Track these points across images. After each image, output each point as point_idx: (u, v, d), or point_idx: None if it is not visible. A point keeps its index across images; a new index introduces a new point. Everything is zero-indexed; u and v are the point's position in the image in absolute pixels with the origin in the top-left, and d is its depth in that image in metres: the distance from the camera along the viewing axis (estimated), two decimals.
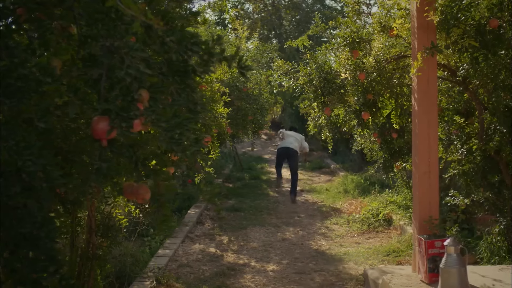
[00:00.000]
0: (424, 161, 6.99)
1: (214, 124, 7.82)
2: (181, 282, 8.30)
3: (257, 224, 12.53)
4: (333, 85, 8.14)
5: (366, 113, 8.25)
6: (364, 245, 10.46)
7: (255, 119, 15.47)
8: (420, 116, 7.02)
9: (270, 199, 16.48)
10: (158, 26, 2.75)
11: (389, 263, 8.99)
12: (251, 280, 8.45)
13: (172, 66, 3.13)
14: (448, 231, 8.50)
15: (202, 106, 3.33)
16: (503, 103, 7.59)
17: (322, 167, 23.58)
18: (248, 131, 16.21)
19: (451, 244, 6.16)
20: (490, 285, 6.40)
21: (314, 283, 8.25)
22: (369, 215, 12.21)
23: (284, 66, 8.83)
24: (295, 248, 10.45)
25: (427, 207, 6.98)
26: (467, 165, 8.42)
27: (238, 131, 15.34)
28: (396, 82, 7.78)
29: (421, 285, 6.58)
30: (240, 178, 20.24)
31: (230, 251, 10.25)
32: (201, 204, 14.57)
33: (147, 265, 8.77)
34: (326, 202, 15.47)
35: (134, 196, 3.38)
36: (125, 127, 2.94)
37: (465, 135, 8.53)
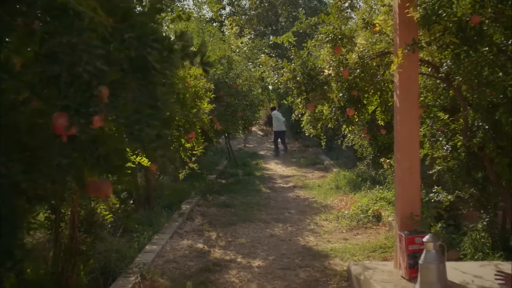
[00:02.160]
0: (406, 157, 7.01)
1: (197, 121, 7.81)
2: (166, 277, 8.31)
3: (246, 220, 12.54)
4: (316, 82, 8.15)
5: (350, 110, 8.25)
6: (351, 241, 10.47)
7: (244, 116, 15.46)
8: (402, 113, 7.03)
9: (262, 195, 16.48)
10: (108, 23, 2.75)
11: (375, 259, 9.00)
12: (236, 276, 8.47)
13: (133, 62, 3.13)
14: (433, 227, 8.51)
15: (163, 102, 3.34)
16: (486, 99, 7.60)
17: (317, 163, 23.59)
18: (238, 127, 16.20)
19: (430, 240, 6.18)
20: (470, 281, 6.42)
21: (298, 279, 8.27)
22: (358, 211, 12.23)
23: (268, 62, 8.84)
24: (282, 244, 10.46)
25: (409, 203, 7.00)
26: (452, 162, 8.44)
27: (228, 127, 15.31)
28: (380, 78, 7.78)
29: (401, 281, 6.61)
30: (234, 174, 20.23)
31: (217, 247, 10.26)
32: (193, 199, 14.59)
33: (133, 261, 8.79)
34: (317, 198, 15.48)
35: (97, 192, 3.38)
36: (84, 123, 2.94)
37: (450, 132, 8.55)
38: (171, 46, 3.15)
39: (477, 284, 6.32)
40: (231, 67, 14.55)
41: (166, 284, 8.03)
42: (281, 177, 20.61)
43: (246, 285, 8.05)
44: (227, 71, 14.50)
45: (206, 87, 9.05)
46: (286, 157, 27.17)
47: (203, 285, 8.00)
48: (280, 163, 25.16)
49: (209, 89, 9.58)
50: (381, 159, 11.38)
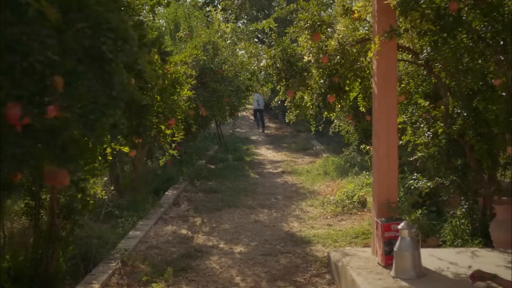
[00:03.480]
0: (383, 144, 7.01)
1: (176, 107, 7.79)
2: (147, 263, 8.33)
3: (232, 206, 12.56)
4: (296, 68, 8.13)
5: (331, 96, 8.23)
6: (335, 227, 10.50)
7: (230, 102, 15.43)
8: (380, 100, 7.03)
9: (250, 180, 16.51)
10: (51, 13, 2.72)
11: (356, 245, 9.03)
12: (217, 262, 8.50)
13: (87, 52, 3.12)
14: (413, 214, 8.53)
15: (119, 92, 3.33)
16: (466, 86, 7.60)
17: (307, 149, 23.62)
18: (225, 113, 16.18)
19: (405, 227, 6.20)
20: (445, 268, 6.44)
21: (278, 265, 8.30)
22: (344, 197, 12.25)
23: (249, 48, 8.82)
24: (266, 230, 10.49)
25: (386, 190, 7.01)
26: (433, 148, 8.46)
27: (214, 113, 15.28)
28: (360, 65, 7.77)
29: (377, 267, 6.63)
30: (224, 159, 20.22)
31: (201, 233, 10.28)
32: (180, 185, 14.60)
33: (116, 247, 8.81)
34: (305, 184, 15.51)
35: (53, 181, 3.37)
36: (38, 113, 2.93)
37: (432, 119, 8.55)
38: (125, 36, 3.14)
39: (452, 271, 6.34)
40: (217, 53, 14.52)
41: (147, 270, 8.05)
42: (270, 163, 20.65)
43: (226, 271, 8.07)
44: (213, 57, 14.47)
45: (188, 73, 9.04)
46: (277, 142, 27.20)
47: (183, 271, 8.01)
48: (271, 148, 25.20)
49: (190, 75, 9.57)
50: (362, 146, 11.39)
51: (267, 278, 7.73)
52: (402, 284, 5.96)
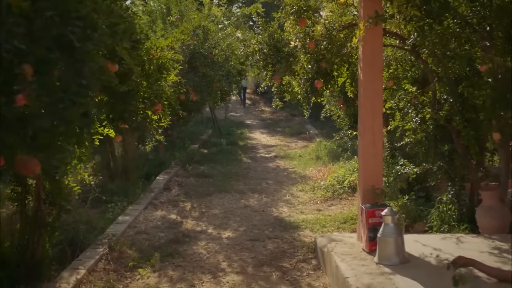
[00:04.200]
0: (368, 131, 7.00)
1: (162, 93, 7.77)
2: (135, 249, 8.34)
3: (223, 191, 12.57)
4: (282, 54, 8.11)
5: (319, 82, 8.21)
6: (324, 212, 10.51)
7: (221, 86, 15.38)
8: (365, 85, 7.01)
9: (242, 165, 16.52)
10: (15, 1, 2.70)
11: (344, 230, 9.04)
12: (204, 247, 8.51)
13: (57, 40, 3.10)
14: (400, 199, 8.55)
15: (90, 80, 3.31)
16: (455, 72, 7.58)
17: (301, 133, 23.61)
18: (216, 98, 16.14)
19: (388, 214, 6.21)
20: (428, 254, 6.45)
21: (265, 250, 8.31)
22: (334, 182, 12.26)
23: (235, 34, 8.79)
24: (255, 215, 10.50)
25: (371, 176, 7.01)
26: (420, 134, 8.45)
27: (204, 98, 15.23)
28: (347, 50, 7.74)
29: (362, 253, 6.65)
30: (217, 143, 20.23)
31: (190, 218, 10.29)
32: (172, 170, 14.59)
33: (104, 232, 8.80)
34: (297, 169, 15.51)
35: (24, 170, 3.37)
36: (6, 102, 2.91)
37: (420, 104, 8.54)
38: (94, 24, 3.12)
39: (435, 257, 6.35)
40: (207, 38, 14.46)
41: (134, 255, 8.06)
42: (264, 147, 20.65)
43: (213, 256, 8.08)
44: (203, 42, 14.41)
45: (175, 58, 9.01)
46: (272, 126, 27.19)
47: (170, 256, 8.02)
48: (266, 132, 25.20)
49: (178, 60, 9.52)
50: (349, 131, 11.39)
51: (254, 263, 7.75)
52: (384, 270, 5.97)
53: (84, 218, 8.75)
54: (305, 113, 11.21)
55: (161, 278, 7.24)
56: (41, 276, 6.88)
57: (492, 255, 6.37)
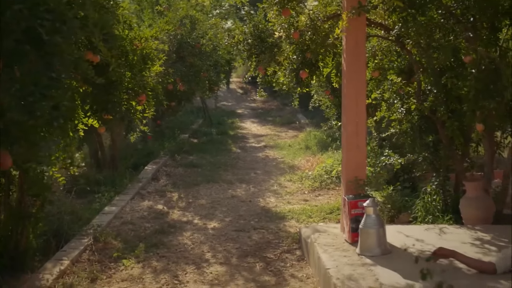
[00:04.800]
0: (352, 121, 6.99)
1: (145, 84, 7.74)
2: (120, 239, 8.33)
3: (211, 181, 12.57)
4: (266, 44, 8.09)
5: (304, 72, 8.20)
6: (311, 203, 10.52)
7: (209, 76, 15.34)
8: (349, 76, 7.00)
9: (232, 155, 16.53)
10: None
11: (330, 221, 9.05)
12: (189, 237, 8.51)
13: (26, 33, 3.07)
14: (385, 190, 8.57)
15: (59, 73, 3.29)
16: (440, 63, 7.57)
17: (292, 122, 23.58)
18: (204, 87, 16.11)
19: (370, 205, 6.21)
20: (410, 244, 6.46)
21: (250, 241, 8.32)
22: (322, 172, 12.26)
23: (219, 24, 8.76)
24: (242, 205, 10.50)
25: (354, 167, 7.01)
26: (406, 125, 8.44)
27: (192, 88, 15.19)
28: (332, 41, 7.72)
29: (344, 244, 6.65)
30: (207, 133, 20.22)
31: (177, 208, 10.29)
32: (160, 159, 14.57)
33: (90, 223, 8.79)
34: (286, 159, 15.51)
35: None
36: None
37: (406, 95, 8.53)
38: (64, 17, 3.10)
39: (417, 248, 6.35)
40: (194, 27, 14.42)
41: (119, 246, 8.06)
42: (254, 137, 20.64)
43: (197, 247, 8.09)
44: (190, 31, 14.36)
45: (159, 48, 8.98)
46: (263, 115, 27.16)
47: (155, 247, 8.02)
48: (257, 122, 25.18)
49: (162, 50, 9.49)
50: (334, 122, 11.38)
51: (238, 254, 7.76)
52: (366, 261, 5.98)
53: (69, 209, 8.74)
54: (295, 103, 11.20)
55: (145, 269, 7.24)
56: (24, 267, 6.87)
57: (474, 246, 6.39)
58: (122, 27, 7.47)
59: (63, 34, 3.12)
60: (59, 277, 6.74)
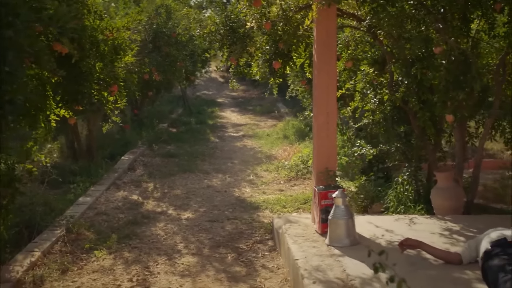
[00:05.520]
0: (323, 112, 6.99)
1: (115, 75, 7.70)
2: (93, 230, 8.31)
3: (187, 171, 12.56)
4: (237, 35, 8.07)
5: (277, 63, 8.19)
6: (286, 193, 10.54)
7: (185, 66, 15.28)
8: (320, 67, 6.99)
9: (210, 144, 16.52)
10: None
11: (304, 211, 9.06)
12: (162, 228, 8.50)
13: None
14: (357, 180, 8.60)
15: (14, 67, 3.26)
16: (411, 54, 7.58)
17: (272, 112, 23.57)
18: (180, 77, 16.05)
19: (339, 196, 6.23)
20: (380, 235, 6.50)
21: (224, 231, 8.32)
22: (299, 162, 12.28)
23: (191, 14, 8.72)
24: (217, 195, 10.51)
25: (325, 158, 7.00)
26: (378, 115, 8.47)
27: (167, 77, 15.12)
28: (301, 32, 7.71)
29: (314, 235, 6.67)
30: (186, 122, 20.19)
31: (152, 199, 10.28)
32: (138, 149, 14.53)
33: (63, 214, 8.76)
34: (264, 148, 15.53)
35: None
36: None
37: (379, 85, 8.55)
38: (16, 11, 3.07)
39: (386, 238, 6.40)
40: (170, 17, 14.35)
41: (92, 237, 8.04)
42: (233, 126, 20.64)
43: (170, 237, 8.08)
44: (166, 21, 14.29)
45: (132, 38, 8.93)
46: (243, 104, 27.13)
47: (127, 238, 8.01)
48: (237, 111, 25.15)
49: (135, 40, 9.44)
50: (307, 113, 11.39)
51: (210, 244, 7.76)
52: (334, 252, 6.00)
53: (42, 200, 8.69)
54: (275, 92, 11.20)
55: (116, 260, 7.23)
56: None
57: (443, 237, 6.43)
58: (93, 17, 7.42)
59: (16, 28, 3.08)
60: (30, 269, 6.71)
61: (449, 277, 5.17)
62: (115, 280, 6.55)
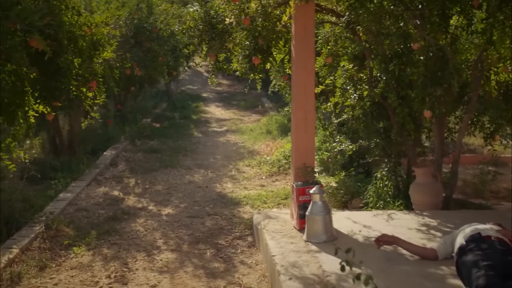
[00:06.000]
0: (301, 108, 7.00)
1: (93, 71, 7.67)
2: (72, 227, 8.27)
3: (169, 166, 12.54)
4: (216, 30, 8.05)
5: (256, 58, 8.19)
6: (267, 188, 10.55)
7: (166, 61, 15.23)
8: (298, 63, 6.99)
9: (193, 139, 16.50)
10: None
11: (284, 206, 9.07)
12: (142, 224, 8.48)
13: None
14: (337, 175, 8.61)
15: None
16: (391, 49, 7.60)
17: (256, 106, 23.55)
18: (162, 72, 16.00)
19: (316, 192, 6.24)
20: (357, 231, 6.52)
21: (204, 227, 8.32)
22: (281, 157, 12.30)
23: (170, 10, 8.69)
24: (198, 191, 10.50)
25: (303, 154, 7.02)
26: (358, 111, 8.48)
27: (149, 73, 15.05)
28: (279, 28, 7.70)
29: (292, 231, 6.68)
30: (170, 117, 20.15)
31: (133, 195, 10.25)
32: (121, 144, 14.48)
33: (43, 210, 8.71)
34: (246, 143, 15.54)
35: None
36: None
37: (359, 81, 8.56)
38: None
39: (364, 234, 6.42)
40: (151, 12, 14.30)
41: (71, 233, 8.01)
42: (217, 121, 20.62)
43: (150, 233, 8.07)
44: (148, 16, 14.23)
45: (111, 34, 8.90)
46: (228, 99, 27.09)
47: (107, 234, 7.98)
48: (221, 106, 25.12)
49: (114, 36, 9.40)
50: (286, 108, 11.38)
51: (190, 240, 7.76)
52: (311, 248, 6.01)
53: (21, 196, 8.65)
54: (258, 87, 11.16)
55: (95, 256, 7.21)
56: None
57: (420, 232, 6.46)
58: (71, 13, 7.39)
59: None
60: (7, 266, 6.67)
61: (424, 272, 5.20)
62: (93, 277, 6.53)
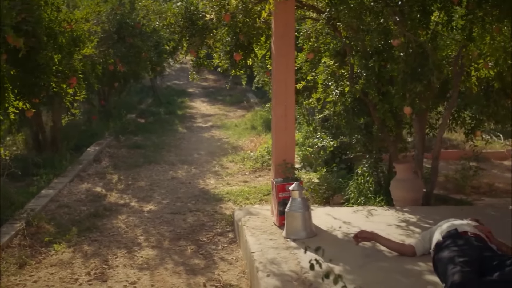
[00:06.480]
0: (281, 104, 6.99)
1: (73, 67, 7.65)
2: (53, 223, 8.24)
3: (153, 162, 12.53)
4: (196, 27, 8.03)
5: (238, 54, 8.18)
6: (250, 184, 10.56)
7: (149, 57, 15.17)
8: (278, 60, 6.99)
9: (177, 135, 16.48)
10: None
11: (266, 202, 9.08)
12: (124, 221, 8.47)
13: None
14: (319, 171, 8.62)
15: None
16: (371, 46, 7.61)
17: (241, 102, 23.54)
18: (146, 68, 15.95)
19: (295, 188, 6.24)
20: (337, 227, 6.52)
21: (185, 223, 8.31)
22: (264, 153, 12.30)
23: (151, 6, 8.66)
24: (181, 187, 10.49)
25: (283, 151, 7.02)
26: (339, 107, 8.49)
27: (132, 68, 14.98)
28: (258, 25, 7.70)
29: (272, 228, 6.68)
30: (155, 113, 20.10)
31: (115, 191, 10.22)
32: (105, 140, 14.44)
33: (24, 207, 8.68)
34: (231, 139, 15.54)
35: None
36: None
37: (340, 77, 8.57)
38: None
39: (343, 230, 6.42)
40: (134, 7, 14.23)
41: (52, 230, 7.98)
42: (202, 116, 20.61)
43: (131, 230, 8.05)
44: (130, 11, 14.17)
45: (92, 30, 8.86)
46: (213, 94, 27.05)
47: (88, 231, 7.96)
48: (206, 101, 25.09)
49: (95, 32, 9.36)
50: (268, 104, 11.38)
51: (171, 237, 7.75)
52: (291, 244, 6.02)
53: (1, 193, 8.60)
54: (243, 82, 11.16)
55: (75, 253, 7.18)
56: None
57: (399, 228, 6.48)
58: (50, 9, 7.35)
59: None
60: None
61: (401, 269, 5.22)
62: (72, 274, 6.51)
